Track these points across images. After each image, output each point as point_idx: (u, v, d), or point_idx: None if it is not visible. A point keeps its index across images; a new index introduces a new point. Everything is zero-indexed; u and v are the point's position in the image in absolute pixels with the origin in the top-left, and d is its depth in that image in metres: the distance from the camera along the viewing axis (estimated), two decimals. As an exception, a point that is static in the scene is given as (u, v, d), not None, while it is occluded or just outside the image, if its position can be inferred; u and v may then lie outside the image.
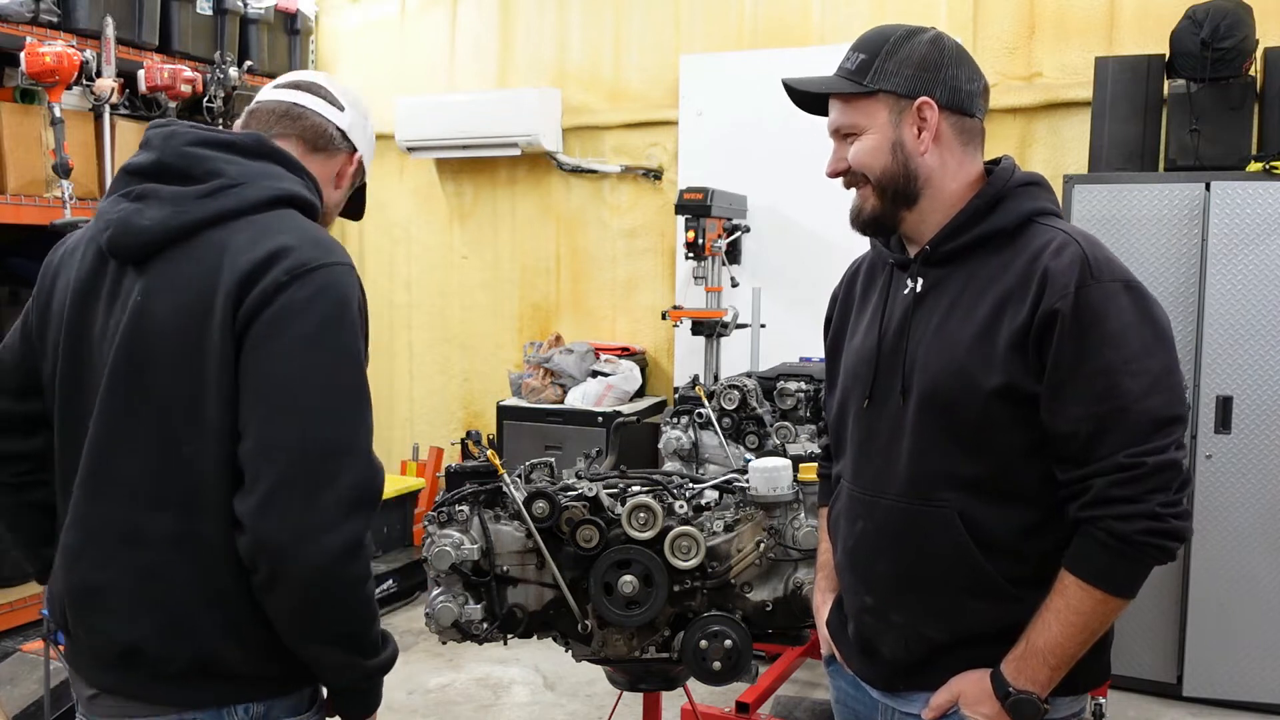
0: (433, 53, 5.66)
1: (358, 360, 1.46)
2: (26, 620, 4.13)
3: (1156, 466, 1.41)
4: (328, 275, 1.44)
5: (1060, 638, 1.46)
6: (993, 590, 1.51)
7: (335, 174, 1.69)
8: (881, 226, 1.62)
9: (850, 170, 1.59)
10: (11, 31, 4.09)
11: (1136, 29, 4.33)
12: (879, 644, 1.63)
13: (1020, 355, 1.46)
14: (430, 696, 3.96)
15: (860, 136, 1.57)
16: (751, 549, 2.18)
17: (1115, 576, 1.44)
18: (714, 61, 5.01)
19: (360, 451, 1.44)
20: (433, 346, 5.89)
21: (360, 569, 1.44)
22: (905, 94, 1.54)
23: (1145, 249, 3.78)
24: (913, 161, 1.55)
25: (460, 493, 2.23)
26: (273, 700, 1.52)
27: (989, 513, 1.51)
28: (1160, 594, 3.84)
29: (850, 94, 1.57)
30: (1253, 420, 3.72)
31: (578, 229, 5.48)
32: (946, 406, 1.51)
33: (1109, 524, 1.42)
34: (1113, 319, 1.43)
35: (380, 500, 1.49)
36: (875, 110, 1.56)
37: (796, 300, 4.71)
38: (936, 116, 1.54)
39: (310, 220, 1.55)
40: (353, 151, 1.70)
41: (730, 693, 3.28)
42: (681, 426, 3.50)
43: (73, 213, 4.04)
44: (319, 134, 1.65)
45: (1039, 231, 1.52)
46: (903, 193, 1.56)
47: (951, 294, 1.55)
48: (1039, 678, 1.47)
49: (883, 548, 1.60)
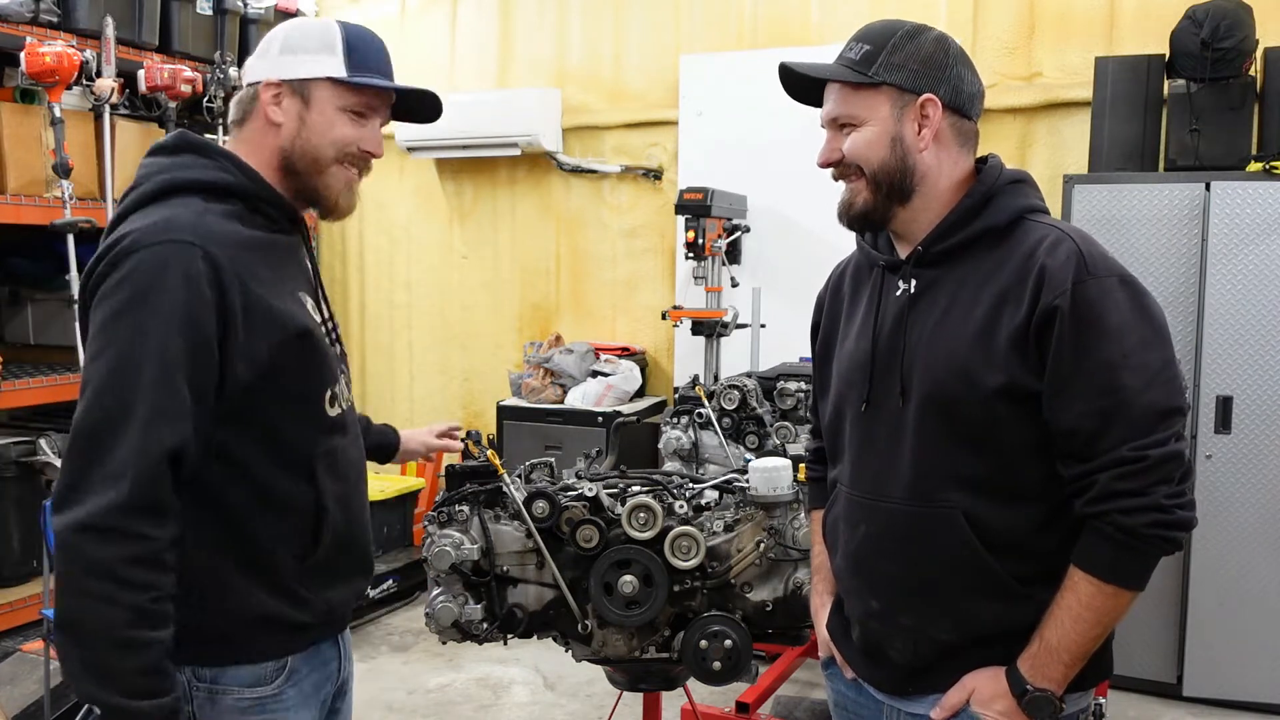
0: (433, 53, 5.66)
1: (146, 341, 1.42)
2: (26, 620, 4.13)
3: (1160, 459, 1.42)
4: (145, 257, 1.45)
5: (1074, 634, 1.46)
6: (1001, 589, 1.51)
7: (266, 122, 1.62)
8: (870, 222, 1.60)
9: (843, 161, 1.57)
10: (11, 31, 4.09)
11: (1136, 29, 4.33)
12: (887, 648, 1.62)
13: (1020, 353, 1.46)
14: (430, 696, 3.96)
15: (859, 128, 1.55)
16: (751, 549, 2.18)
17: (1124, 570, 1.45)
18: (714, 61, 5.01)
19: (126, 431, 1.39)
20: (433, 346, 5.88)
21: (104, 554, 1.37)
22: (910, 89, 1.53)
23: (1145, 249, 3.78)
24: (911, 157, 1.54)
25: (460, 493, 2.23)
26: (224, 669, 1.55)
27: (994, 512, 1.51)
28: (1160, 594, 3.84)
29: (853, 83, 1.55)
30: (1253, 420, 3.72)
31: (578, 229, 5.48)
32: (949, 407, 1.51)
33: (1115, 518, 1.42)
34: (1111, 314, 1.44)
35: (158, 485, 1.41)
36: (877, 103, 1.54)
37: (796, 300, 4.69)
38: (939, 114, 1.54)
39: (216, 201, 1.54)
40: (257, 85, 1.62)
41: (730, 693, 3.28)
42: (681, 426, 3.50)
43: (73, 213, 4.04)
44: (237, 110, 1.66)
45: (1031, 228, 1.52)
46: (898, 188, 1.55)
47: (947, 294, 1.55)
48: (1055, 675, 1.48)
49: (886, 551, 1.59)
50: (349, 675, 1.81)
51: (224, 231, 1.51)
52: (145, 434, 1.40)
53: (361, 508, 1.73)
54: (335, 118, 1.62)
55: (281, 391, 1.55)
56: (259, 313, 1.50)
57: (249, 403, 1.51)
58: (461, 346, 5.81)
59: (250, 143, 1.64)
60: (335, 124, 1.62)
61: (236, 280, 1.48)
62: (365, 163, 1.68)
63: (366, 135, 1.66)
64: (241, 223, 1.57)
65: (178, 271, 1.44)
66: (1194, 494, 1.46)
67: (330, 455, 1.63)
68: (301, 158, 1.62)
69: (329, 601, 1.66)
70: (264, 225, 1.61)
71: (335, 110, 1.62)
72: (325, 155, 1.63)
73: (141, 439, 1.40)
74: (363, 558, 1.75)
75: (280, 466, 1.57)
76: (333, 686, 1.74)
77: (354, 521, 1.69)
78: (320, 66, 1.61)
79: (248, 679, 1.57)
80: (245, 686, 1.57)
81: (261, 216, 1.61)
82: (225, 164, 1.60)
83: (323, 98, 1.62)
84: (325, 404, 1.62)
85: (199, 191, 1.55)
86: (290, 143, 1.62)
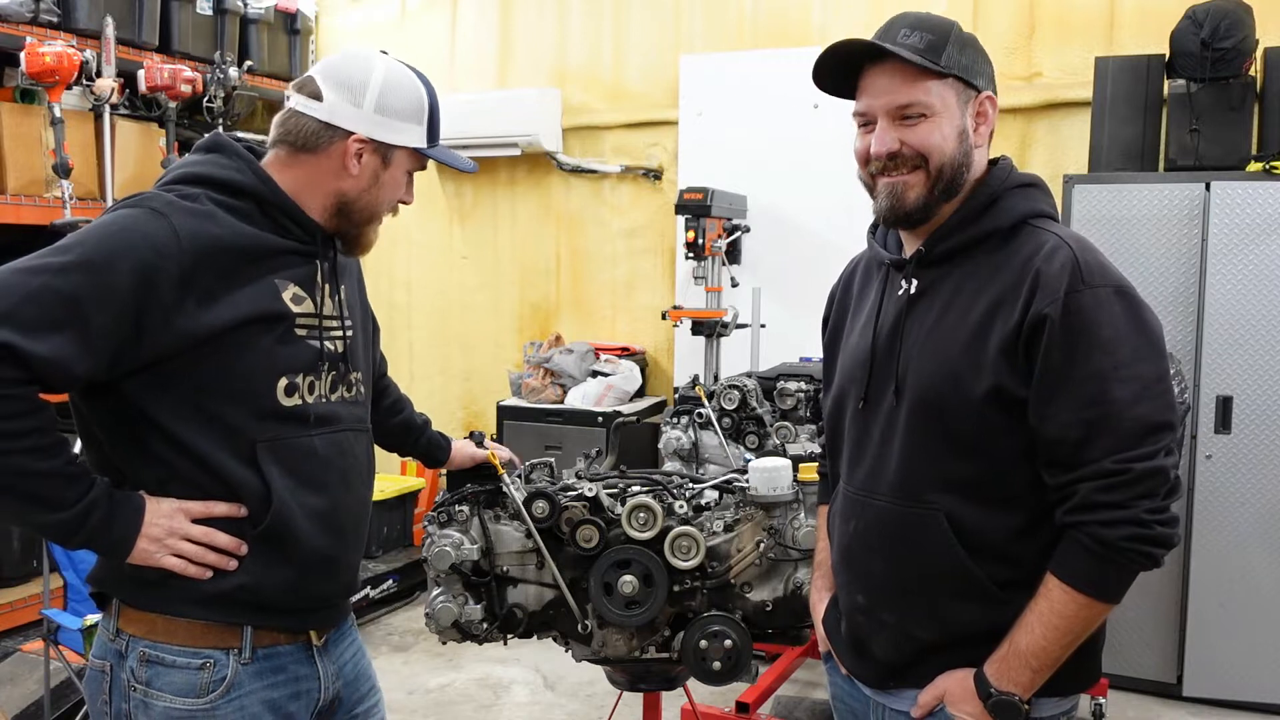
0: (433, 53, 5.66)
1: (66, 269, 1.45)
2: (26, 620, 4.13)
3: (1143, 473, 1.40)
4: (113, 214, 1.54)
5: (1043, 641, 1.45)
6: (980, 593, 1.51)
7: (340, 166, 1.67)
8: (915, 219, 1.55)
9: (899, 153, 1.51)
10: (11, 31, 4.09)
11: (1136, 29, 4.33)
12: (870, 643, 1.63)
13: (1009, 359, 1.46)
14: (430, 696, 3.96)
15: (930, 119, 1.49)
16: (751, 549, 2.18)
17: (1100, 582, 1.43)
18: (714, 61, 5.01)
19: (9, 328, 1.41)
20: (433, 346, 5.88)
21: None
22: (972, 84, 1.52)
23: (1145, 249, 3.78)
24: (971, 154, 1.53)
25: (460, 493, 2.23)
26: (158, 671, 1.56)
27: (978, 516, 1.50)
28: (1160, 594, 3.84)
29: (926, 70, 1.48)
30: (1253, 420, 3.71)
31: (578, 229, 5.48)
32: (939, 410, 1.51)
33: (1094, 529, 1.41)
34: (1104, 325, 1.42)
35: None
36: (946, 94, 1.50)
37: (796, 300, 4.71)
38: (994, 114, 1.55)
39: (225, 195, 1.59)
40: (349, 135, 1.66)
41: (730, 693, 3.28)
42: (681, 426, 3.50)
43: (73, 213, 4.04)
44: (300, 134, 1.66)
45: (1033, 234, 1.51)
46: (953, 183, 1.52)
47: (945, 296, 1.54)
48: (1021, 680, 1.47)
49: (874, 547, 1.60)
50: (345, 695, 1.77)
51: (204, 213, 1.55)
52: (24, 339, 1.41)
53: (335, 509, 1.68)
54: (402, 180, 1.75)
55: (223, 370, 1.55)
56: (202, 289, 1.52)
57: (184, 370, 1.53)
58: (461, 346, 5.81)
59: (312, 174, 1.67)
60: (401, 185, 1.75)
61: (191, 256, 1.51)
62: (397, 209, 1.77)
63: (409, 188, 1.78)
64: (244, 219, 1.59)
65: (132, 229, 1.50)
66: (1190, 509, 1.44)
67: (280, 444, 1.61)
68: (363, 210, 1.71)
69: (276, 593, 1.62)
70: (271, 228, 1.63)
71: (405, 173, 1.74)
72: (382, 211, 1.74)
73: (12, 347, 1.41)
74: (323, 557, 1.67)
75: (217, 443, 1.57)
76: (307, 710, 1.69)
77: (318, 519, 1.65)
78: (409, 136, 1.71)
79: (181, 685, 1.56)
80: (178, 695, 1.56)
81: (271, 221, 1.63)
82: (242, 165, 1.63)
83: (400, 163, 1.73)
84: (278, 391, 1.60)
85: (207, 184, 1.59)
86: (358, 194, 1.69)
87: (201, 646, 1.58)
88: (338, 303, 1.73)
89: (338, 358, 1.72)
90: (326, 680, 1.72)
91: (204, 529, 1.57)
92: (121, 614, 1.61)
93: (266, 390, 1.60)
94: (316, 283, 1.69)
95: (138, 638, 1.59)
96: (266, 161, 1.68)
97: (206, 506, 1.57)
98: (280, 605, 1.64)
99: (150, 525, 1.54)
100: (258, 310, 1.58)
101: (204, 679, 1.57)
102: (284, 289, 1.63)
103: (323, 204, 1.68)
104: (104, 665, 1.61)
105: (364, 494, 1.80)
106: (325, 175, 1.67)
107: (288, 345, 1.62)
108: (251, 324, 1.57)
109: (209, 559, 1.57)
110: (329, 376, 1.69)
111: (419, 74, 1.74)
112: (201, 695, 1.57)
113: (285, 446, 1.62)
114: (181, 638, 1.58)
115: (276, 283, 1.62)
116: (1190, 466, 3.74)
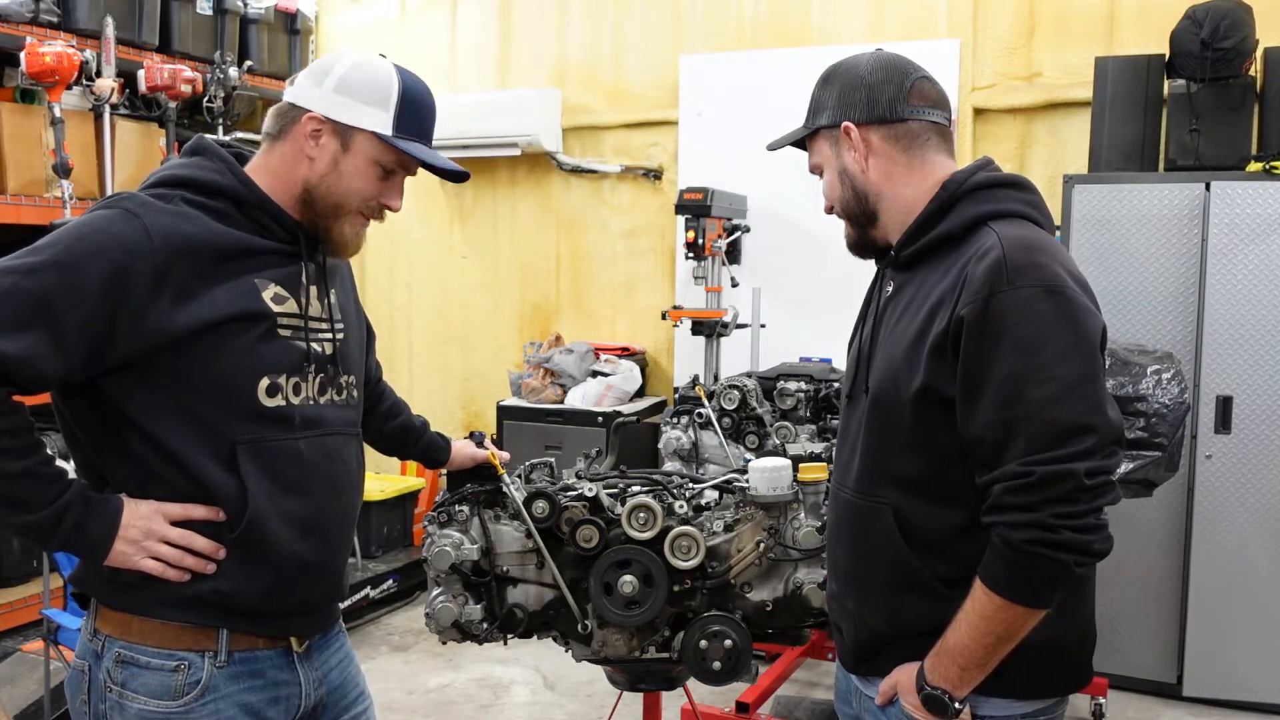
0: (433, 53, 5.66)
1: (35, 269, 1.45)
2: (26, 620, 4.13)
3: (1048, 476, 1.38)
4: (87, 216, 1.53)
5: (967, 640, 1.46)
6: (924, 588, 1.54)
7: (301, 150, 1.63)
8: (865, 249, 1.71)
9: (830, 206, 1.71)
10: (11, 31, 4.09)
11: (1136, 29, 4.33)
12: (842, 628, 1.71)
13: (939, 359, 1.48)
14: (430, 696, 3.96)
15: (825, 173, 1.68)
16: (751, 549, 2.18)
17: (1010, 583, 1.43)
18: (714, 61, 5.01)
19: None
20: (433, 346, 5.88)
21: None
22: (833, 124, 1.64)
23: (1145, 249, 3.78)
24: (858, 182, 1.64)
25: (460, 493, 2.23)
26: (134, 672, 1.55)
27: (922, 512, 1.54)
28: (1160, 594, 3.84)
29: (802, 138, 1.70)
30: (1253, 420, 3.71)
31: (578, 229, 5.48)
32: (885, 407, 1.57)
33: (1002, 530, 1.42)
34: (1024, 325, 1.42)
35: None
36: (821, 147, 1.68)
37: (796, 300, 4.72)
38: (858, 135, 1.62)
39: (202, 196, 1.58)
40: (305, 113, 1.62)
41: (730, 693, 3.28)
42: (681, 426, 3.50)
43: (73, 213, 4.04)
44: (273, 120, 1.66)
45: (982, 235, 1.52)
46: (862, 213, 1.65)
47: (908, 297, 1.60)
48: (950, 676, 1.49)
49: (838, 539, 1.70)
50: (330, 702, 1.76)
51: (178, 213, 1.54)
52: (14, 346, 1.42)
53: (318, 514, 1.66)
54: (368, 170, 1.65)
55: (202, 369, 1.54)
56: (177, 288, 1.51)
57: (162, 369, 1.52)
58: (461, 346, 5.81)
59: (279, 163, 1.65)
60: (365, 176, 1.65)
61: (164, 255, 1.50)
62: (382, 214, 1.71)
63: (390, 190, 1.70)
64: (220, 219, 1.58)
65: (104, 229, 1.49)
66: (1103, 518, 1.39)
67: (262, 446, 1.59)
68: (324, 198, 1.65)
69: (252, 598, 1.60)
70: (252, 229, 1.62)
71: (369, 162, 1.65)
72: (347, 203, 1.66)
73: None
74: (302, 562, 1.65)
75: (196, 444, 1.55)
76: (286, 715, 1.68)
77: (297, 524, 1.63)
78: (369, 119, 1.63)
79: (155, 687, 1.56)
80: (152, 696, 1.55)
81: (251, 221, 1.62)
82: (222, 167, 1.62)
83: (361, 149, 1.64)
84: (259, 391, 1.58)
85: (184, 186, 1.58)
86: (318, 180, 1.64)
87: (176, 648, 1.57)
88: (327, 305, 1.72)
89: (326, 360, 1.70)
90: (308, 686, 1.70)
91: (182, 532, 1.55)
92: (99, 614, 1.61)
93: (247, 390, 1.58)
94: (301, 283, 1.66)
95: (114, 638, 1.58)
96: (252, 162, 1.67)
97: (185, 509, 1.56)
98: (256, 610, 1.62)
99: (127, 528, 1.53)
100: (236, 309, 1.56)
101: (178, 681, 1.56)
102: (264, 289, 1.61)
103: (292, 194, 1.65)
104: (83, 665, 1.61)
105: (352, 499, 1.77)
106: (290, 163, 1.64)
107: (269, 345, 1.60)
108: (229, 323, 1.55)
109: (187, 562, 1.55)
110: (316, 378, 1.67)
111: (408, 72, 1.69)
112: (176, 697, 1.56)
113: (267, 449, 1.60)
114: (156, 639, 1.57)
115: (256, 282, 1.60)
116: (1190, 466, 3.75)
